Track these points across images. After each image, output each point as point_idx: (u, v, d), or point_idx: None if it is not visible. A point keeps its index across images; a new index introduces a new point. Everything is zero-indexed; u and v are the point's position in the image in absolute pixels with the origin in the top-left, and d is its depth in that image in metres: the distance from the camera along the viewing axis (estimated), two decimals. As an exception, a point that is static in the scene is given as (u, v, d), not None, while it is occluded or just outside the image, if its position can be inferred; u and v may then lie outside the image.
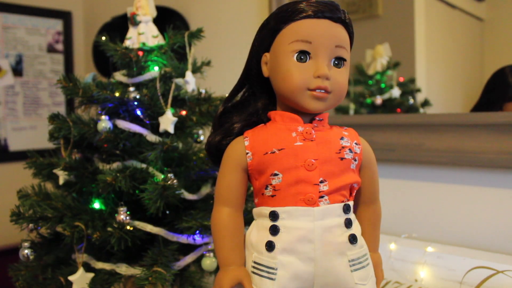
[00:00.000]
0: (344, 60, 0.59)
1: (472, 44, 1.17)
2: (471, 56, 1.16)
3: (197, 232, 0.89)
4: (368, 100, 1.29)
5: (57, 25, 2.10)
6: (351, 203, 0.60)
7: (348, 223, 0.58)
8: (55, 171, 0.94)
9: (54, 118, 0.95)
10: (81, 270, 0.86)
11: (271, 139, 0.59)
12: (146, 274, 0.81)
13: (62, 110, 2.11)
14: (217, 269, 0.87)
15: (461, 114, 1.05)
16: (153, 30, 1.02)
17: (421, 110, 1.18)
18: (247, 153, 0.60)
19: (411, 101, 1.21)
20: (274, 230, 0.57)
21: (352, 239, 0.57)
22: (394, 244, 1.02)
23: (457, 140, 0.99)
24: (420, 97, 1.18)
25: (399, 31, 1.25)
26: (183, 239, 0.90)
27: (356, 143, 0.61)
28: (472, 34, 1.18)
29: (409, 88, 1.22)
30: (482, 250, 0.96)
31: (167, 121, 0.93)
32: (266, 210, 0.58)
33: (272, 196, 0.58)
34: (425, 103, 1.17)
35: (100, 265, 0.89)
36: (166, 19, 1.56)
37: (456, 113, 1.05)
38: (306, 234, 0.55)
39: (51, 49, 2.09)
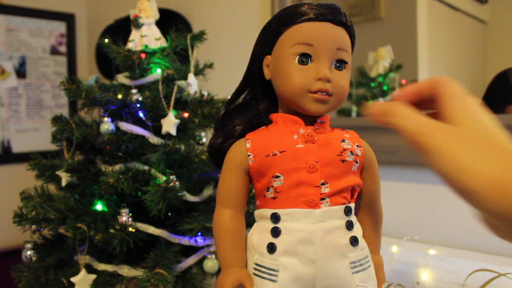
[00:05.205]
0: (346, 62, 0.59)
1: (475, 47, 1.17)
2: (474, 58, 1.16)
3: (199, 234, 0.89)
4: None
5: (60, 27, 2.11)
6: (352, 205, 0.60)
7: (349, 225, 0.58)
8: (57, 172, 0.94)
9: (57, 120, 0.95)
10: (83, 272, 0.87)
11: (272, 141, 0.59)
12: (148, 275, 0.81)
13: (65, 112, 2.12)
14: (219, 271, 0.87)
15: (464, 116, 1.04)
16: (156, 32, 1.03)
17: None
18: (249, 155, 0.60)
19: (414, 103, 1.21)
20: (275, 232, 0.57)
21: (354, 241, 0.57)
22: (396, 247, 1.01)
23: (460, 142, 0.99)
24: (422, 100, 1.18)
25: (401, 34, 1.25)
26: (185, 241, 0.91)
27: (357, 146, 0.61)
28: (474, 37, 1.17)
29: (411, 90, 1.21)
30: (485, 253, 0.96)
31: (170, 123, 0.93)
32: (268, 212, 0.58)
33: (274, 198, 0.58)
34: (428, 106, 1.17)
35: (102, 266, 0.90)
36: (169, 22, 1.56)
37: (459, 116, 1.05)
38: (307, 236, 0.55)
39: (54, 51, 2.10)
